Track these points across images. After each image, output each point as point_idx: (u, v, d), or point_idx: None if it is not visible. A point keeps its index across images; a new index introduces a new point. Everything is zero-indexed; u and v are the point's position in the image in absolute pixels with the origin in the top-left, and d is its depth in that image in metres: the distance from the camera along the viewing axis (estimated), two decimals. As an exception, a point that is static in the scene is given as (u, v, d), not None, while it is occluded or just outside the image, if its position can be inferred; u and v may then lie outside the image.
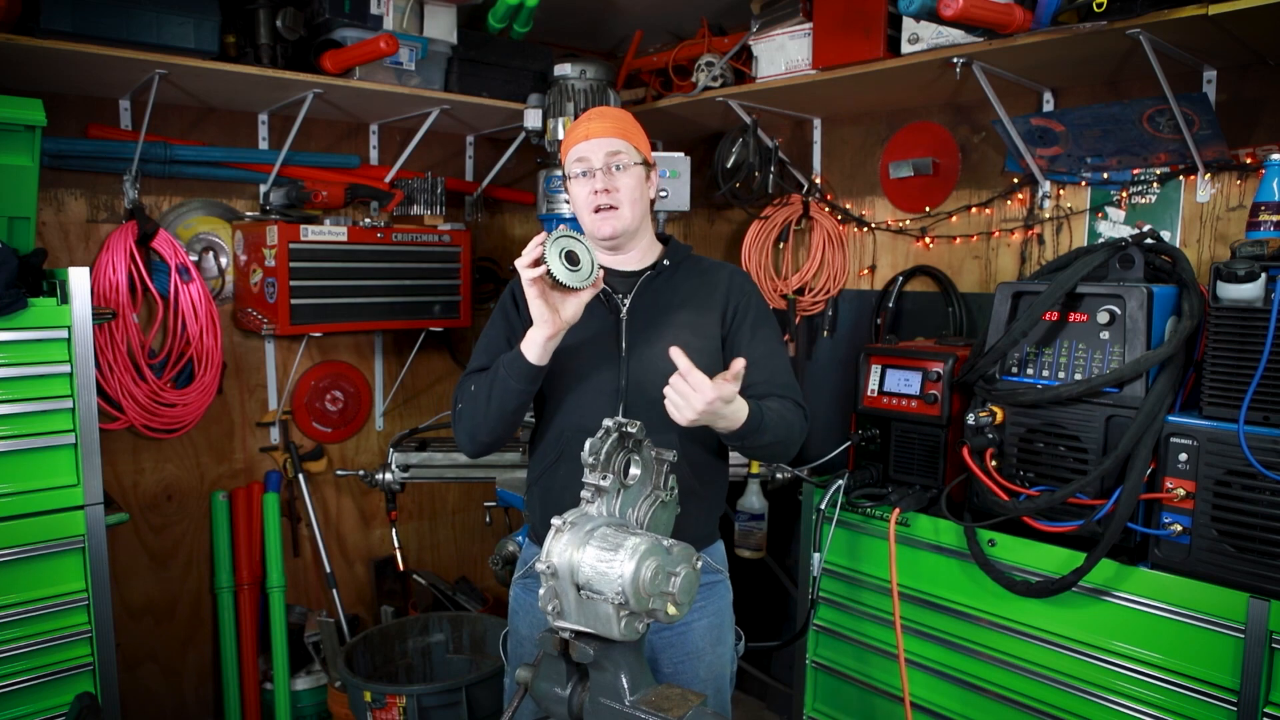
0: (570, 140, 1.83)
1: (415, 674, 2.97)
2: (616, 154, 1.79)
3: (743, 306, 1.87)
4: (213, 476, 3.18)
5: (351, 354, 3.49)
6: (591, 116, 1.84)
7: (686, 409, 1.55)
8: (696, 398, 1.53)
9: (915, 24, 2.41)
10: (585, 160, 1.79)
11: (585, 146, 1.79)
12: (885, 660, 2.43)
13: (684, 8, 3.13)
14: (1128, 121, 2.29)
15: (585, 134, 1.80)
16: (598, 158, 1.78)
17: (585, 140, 1.80)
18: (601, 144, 1.79)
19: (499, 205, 3.82)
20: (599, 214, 1.79)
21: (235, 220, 3.11)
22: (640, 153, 1.83)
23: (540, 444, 1.87)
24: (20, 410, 2.19)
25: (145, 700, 3.09)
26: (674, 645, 1.83)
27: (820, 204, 3.18)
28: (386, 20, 2.81)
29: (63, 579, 2.25)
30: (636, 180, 1.81)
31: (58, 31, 2.29)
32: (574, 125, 1.86)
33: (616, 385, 1.78)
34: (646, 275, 1.85)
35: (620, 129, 1.81)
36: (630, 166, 1.80)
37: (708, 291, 1.87)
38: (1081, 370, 2.10)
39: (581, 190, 1.80)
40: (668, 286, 1.86)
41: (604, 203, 1.77)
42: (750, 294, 1.90)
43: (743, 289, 1.89)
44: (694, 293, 1.86)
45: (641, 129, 1.88)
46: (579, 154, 1.80)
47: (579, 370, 1.79)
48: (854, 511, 2.46)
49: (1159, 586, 1.94)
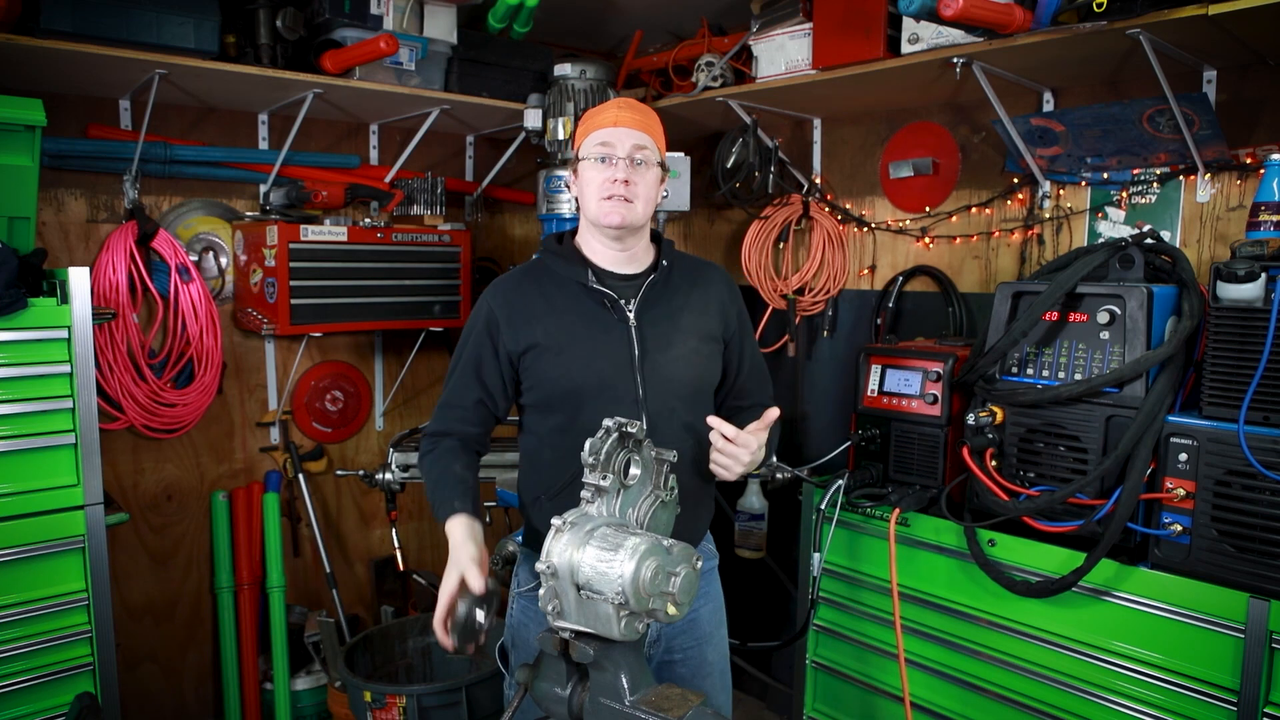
0: (595, 123, 1.80)
1: (415, 674, 2.97)
2: (643, 148, 1.77)
3: (738, 315, 1.94)
4: (213, 476, 3.18)
5: (351, 354, 3.49)
6: (621, 105, 1.81)
7: (736, 465, 1.68)
8: (744, 453, 1.66)
9: (915, 24, 2.41)
10: (610, 146, 1.76)
11: (612, 133, 1.76)
12: (885, 660, 2.43)
13: (684, 8, 3.13)
14: (1128, 121, 2.29)
15: (615, 120, 1.77)
16: (623, 147, 1.75)
17: (614, 126, 1.76)
18: (630, 135, 1.76)
19: (499, 205, 3.82)
20: (610, 201, 1.75)
21: (235, 220, 3.11)
22: (660, 154, 1.83)
23: (549, 457, 1.80)
24: (20, 410, 2.19)
25: (145, 700, 3.09)
26: (685, 631, 1.87)
27: (820, 204, 3.18)
28: (386, 20, 2.80)
29: (63, 579, 2.25)
30: (654, 179, 1.80)
31: (58, 31, 2.28)
32: (601, 109, 1.82)
33: (636, 395, 1.76)
34: (650, 280, 1.83)
35: (648, 125, 1.80)
36: (652, 165, 1.79)
37: (703, 293, 1.89)
38: (1081, 370, 2.10)
39: (598, 175, 1.76)
40: (669, 289, 1.85)
41: (621, 193, 1.75)
42: (740, 299, 1.97)
43: (735, 295, 1.96)
44: (691, 294, 1.87)
45: (662, 129, 1.86)
46: (604, 138, 1.77)
47: (596, 384, 1.75)
48: (854, 511, 2.46)
49: (1159, 586, 1.94)
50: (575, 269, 1.81)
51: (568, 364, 1.75)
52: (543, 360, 1.76)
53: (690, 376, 1.82)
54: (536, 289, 1.82)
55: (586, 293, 1.80)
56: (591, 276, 1.80)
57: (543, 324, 1.77)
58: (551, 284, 1.82)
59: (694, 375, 1.82)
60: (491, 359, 1.80)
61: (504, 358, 1.79)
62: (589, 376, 1.75)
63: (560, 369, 1.76)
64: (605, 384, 1.75)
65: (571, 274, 1.81)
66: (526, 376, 1.79)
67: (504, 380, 1.81)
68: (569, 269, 1.82)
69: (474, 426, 1.82)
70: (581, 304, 1.79)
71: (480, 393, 1.81)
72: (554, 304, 1.79)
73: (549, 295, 1.80)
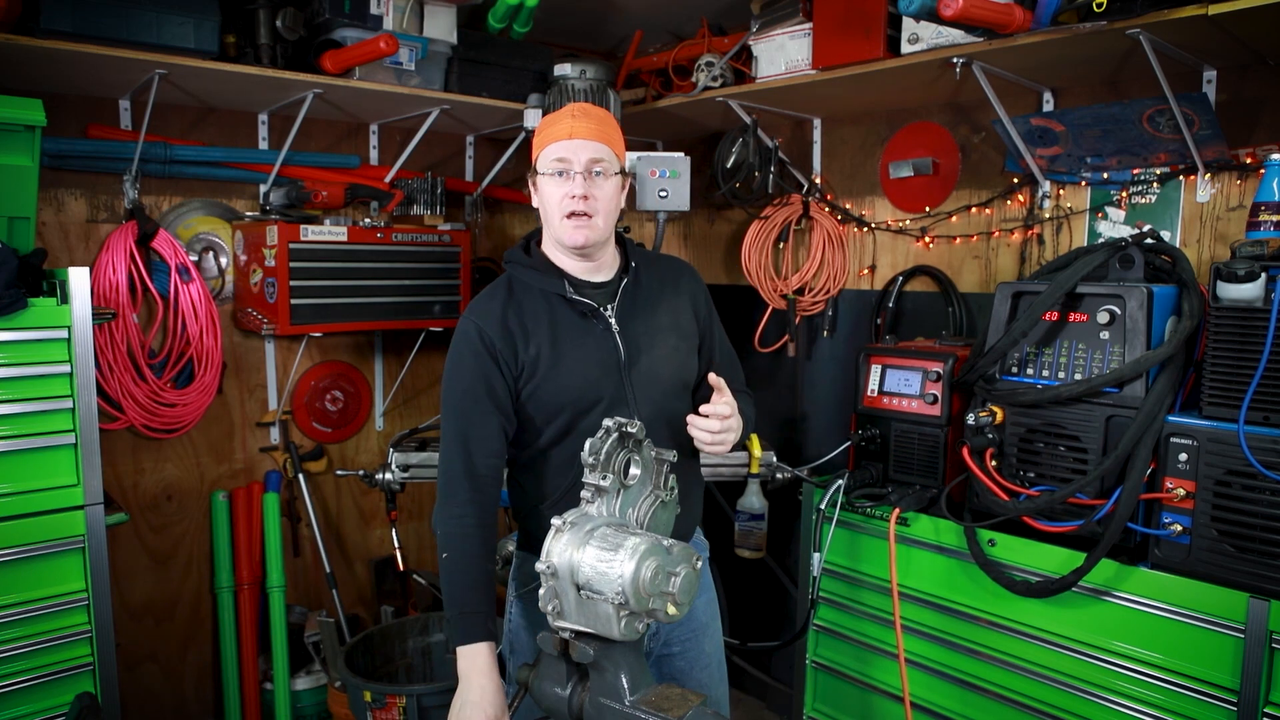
0: (549, 135, 1.75)
1: (415, 674, 2.97)
2: (599, 161, 1.73)
3: (707, 307, 1.96)
4: (213, 476, 3.18)
5: (351, 354, 3.49)
6: (576, 114, 1.75)
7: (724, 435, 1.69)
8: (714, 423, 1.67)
9: (915, 24, 2.41)
10: (565, 161, 1.72)
11: (567, 146, 1.72)
12: (885, 660, 2.43)
13: (684, 8, 3.13)
14: (1128, 121, 2.29)
15: (569, 132, 1.72)
16: (579, 161, 1.71)
17: (569, 139, 1.72)
18: (585, 147, 1.72)
19: (499, 205, 3.82)
20: (572, 219, 1.72)
21: (235, 220, 3.11)
22: (619, 160, 1.79)
23: (552, 464, 1.80)
24: (20, 410, 2.19)
25: (145, 700, 3.09)
26: (682, 623, 1.88)
27: (820, 204, 3.18)
28: (386, 20, 2.80)
29: (63, 579, 2.25)
30: (614, 190, 1.77)
31: (58, 31, 2.28)
32: (553, 118, 1.76)
33: (625, 398, 1.77)
34: (624, 284, 1.83)
35: (604, 133, 1.75)
36: (610, 175, 1.75)
37: (673, 290, 1.90)
38: (1081, 370, 2.10)
39: (556, 191, 1.73)
40: (641, 290, 1.86)
41: (580, 209, 1.71)
42: (706, 291, 1.98)
43: (701, 287, 1.97)
44: (662, 292, 1.88)
45: (621, 133, 1.83)
46: (558, 153, 1.72)
47: (591, 392, 1.75)
48: (854, 511, 2.46)
49: (1159, 586, 1.94)
50: (551, 280, 1.79)
51: (562, 376, 1.74)
52: (538, 376, 1.74)
53: (673, 374, 1.84)
54: (516, 307, 1.78)
55: (566, 304, 1.78)
56: (569, 287, 1.78)
57: (534, 340, 1.75)
58: (529, 299, 1.79)
59: (676, 372, 1.85)
60: (499, 379, 1.74)
61: (509, 377, 1.75)
62: (586, 390, 1.75)
63: (557, 383, 1.74)
64: (598, 392, 1.75)
65: (548, 286, 1.79)
66: (524, 393, 1.76)
67: (512, 398, 1.76)
68: (545, 281, 1.79)
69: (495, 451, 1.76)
70: (564, 315, 1.78)
71: (499, 418, 1.74)
72: (539, 319, 1.77)
73: (533, 311, 1.77)
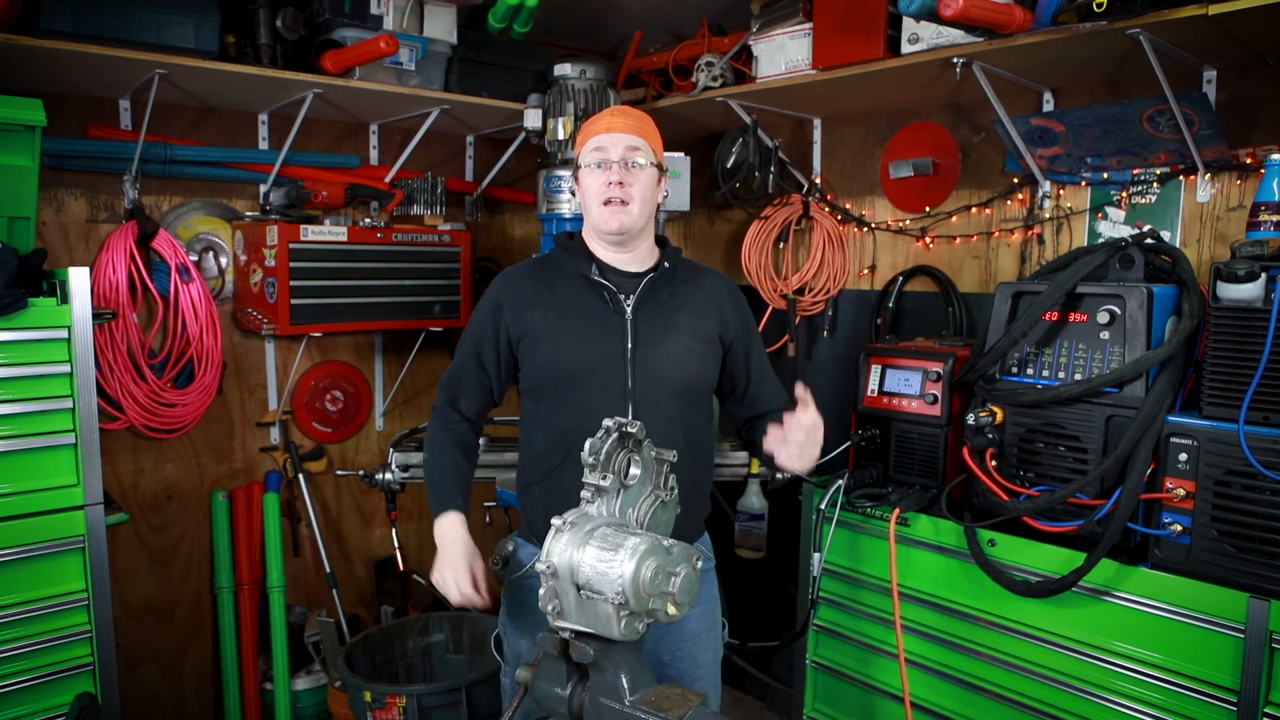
0: (590, 131, 1.87)
1: (415, 674, 2.97)
2: (635, 150, 1.83)
3: (742, 321, 1.98)
4: (213, 476, 3.18)
5: (351, 354, 3.49)
6: (615, 112, 1.88)
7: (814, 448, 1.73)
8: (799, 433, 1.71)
9: (915, 24, 2.41)
10: (603, 150, 1.83)
11: (606, 138, 1.83)
12: (885, 660, 2.43)
13: (684, 8, 3.13)
14: (1128, 121, 2.29)
15: (607, 127, 1.84)
16: (616, 151, 1.82)
17: (607, 133, 1.84)
18: (622, 138, 1.83)
19: (499, 205, 3.82)
20: (608, 206, 1.82)
21: (235, 220, 3.11)
22: (656, 155, 1.87)
23: (540, 443, 1.87)
24: (20, 410, 2.19)
25: (145, 700, 3.09)
26: (671, 632, 1.87)
27: (820, 204, 3.18)
28: (386, 20, 2.81)
29: (63, 579, 2.25)
30: (650, 180, 1.85)
31: (58, 31, 2.28)
32: (595, 118, 1.90)
33: (624, 386, 1.81)
34: (650, 277, 1.88)
35: (641, 129, 1.86)
36: (646, 166, 1.84)
37: (705, 297, 1.93)
38: (1081, 370, 2.10)
39: (595, 181, 1.83)
40: (668, 289, 1.90)
41: (616, 195, 1.80)
42: (745, 306, 2.01)
43: (738, 300, 2.00)
44: (692, 296, 1.92)
45: (659, 134, 1.92)
46: (598, 144, 1.84)
47: (586, 371, 1.81)
48: (854, 511, 2.46)
49: (1159, 586, 1.94)
50: (580, 262, 1.89)
51: (561, 350, 1.82)
52: (538, 345, 1.84)
53: (681, 373, 1.85)
54: (543, 278, 1.90)
55: (588, 285, 1.86)
56: (594, 269, 1.87)
57: (542, 311, 1.85)
58: (557, 275, 1.90)
59: (685, 372, 1.86)
60: (491, 344, 1.89)
61: (504, 342, 1.89)
62: (581, 364, 1.81)
63: (553, 354, 1.83)
64: (595, 372, 1.81)
65: (576, 266, 1.88)
66: (523, 361, 1.88)
67: (500, 364, 1.90)
68: (574, 262, 1.89)
69: (476, 400, 1.94)
70: (582, 295, 1.86)
71: (478, 372, 1.91)
72: (556, 293, 1.87)
73: (553, 285, 1.89)
